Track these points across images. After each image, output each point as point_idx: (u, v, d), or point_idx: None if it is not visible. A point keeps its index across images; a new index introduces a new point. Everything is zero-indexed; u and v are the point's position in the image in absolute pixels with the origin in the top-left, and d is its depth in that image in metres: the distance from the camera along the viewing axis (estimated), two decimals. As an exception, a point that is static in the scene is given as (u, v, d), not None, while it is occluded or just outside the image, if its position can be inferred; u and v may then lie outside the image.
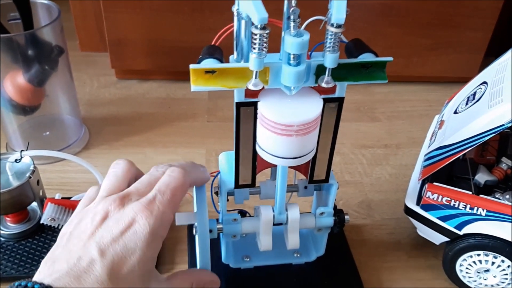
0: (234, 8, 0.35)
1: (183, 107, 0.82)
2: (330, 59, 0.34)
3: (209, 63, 0.35)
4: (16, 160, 0.53)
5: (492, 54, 0.84)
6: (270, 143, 0.39)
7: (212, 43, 0.38)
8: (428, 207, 0.51)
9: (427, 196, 0.50)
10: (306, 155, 0.40)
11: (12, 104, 0.65)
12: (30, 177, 0.51)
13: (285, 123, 0.36)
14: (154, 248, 0.33)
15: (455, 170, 0.53)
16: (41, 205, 0.54)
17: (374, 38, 0.81)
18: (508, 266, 0.48)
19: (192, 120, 0.79)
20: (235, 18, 0.35)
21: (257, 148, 0.41)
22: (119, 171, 0.38)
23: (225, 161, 0.46)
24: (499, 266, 0.49)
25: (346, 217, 0.48)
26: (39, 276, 0.31)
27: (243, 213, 0.51)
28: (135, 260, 0.31)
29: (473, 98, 0.52)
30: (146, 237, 0.32)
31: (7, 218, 0.55)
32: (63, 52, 0.64)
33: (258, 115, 0.38)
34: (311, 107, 0.38)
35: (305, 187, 0.48)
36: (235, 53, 0.37)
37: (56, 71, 0.65)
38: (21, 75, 0.62)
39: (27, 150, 0.53)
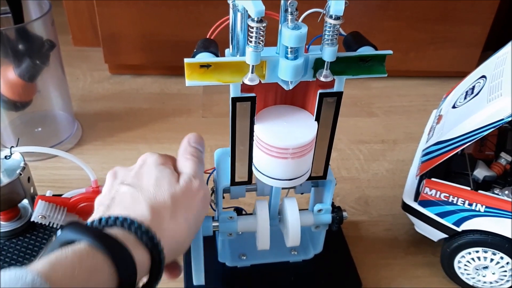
0: (230, 0, 0.34)
1: (177, 102, 0.81)
2: (328, 53, 0.33)
3: (204, 57, 0.34)
4: (6, 157, 0.51)
5: (490, 48, 0.84)
6: (266, 165, 0.39)
7: (207, 36, 0.37)
8: (426, 203, 0.50)
9: (425, 192, 0.49)
10: (301, 176, 0.40)
11: (3, 100, 0.63)
12: (21, 174, 0.50)
13: (280, 146, 0.37)
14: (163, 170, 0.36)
15: (454, 165, 0.52)
16: (32, 202, 0.53)
17: (371, 32, 0.80)
18: (507, 263, 0.48)
19: (186, 115, 0.78)
20: (231, 11, 0.34)
21: (253, 169, 0.41)
22: None
23: (221, 158, 0.45)
24: (498, 262, 0.48)
25: (344, 214, 0.47)
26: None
27: (239, 211, 0.50)
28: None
29: (472, 92, 0.51)
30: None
31: (-2, 216, 0.53)
32: (54, 46, 0.63)
33: (254, 138, 0.39)
34: (306, 131, 0.38)
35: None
36: (231, 46, 0.36)
37: (47, 66, 0.64)
38: (12, 70, 0.61)
39: (17, 146, 0.52)
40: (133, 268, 0.29)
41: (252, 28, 0.31)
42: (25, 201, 0.54)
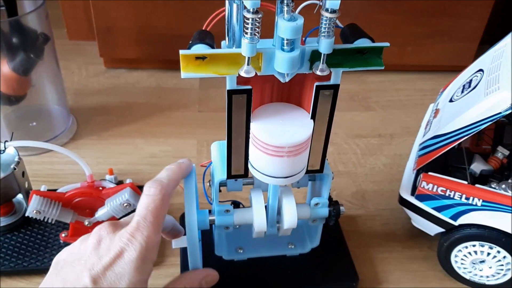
0: (226, -9, 0.33)
1: (174, 96, 0.80)
2: (325, 45, 0.33)
3: (200, 49, 0.34)
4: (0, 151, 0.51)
5: (487, 42, 0.83)
6: (262, 163, 0.39)
7: (203, 28, 0.37)
8: (423, 197, 0.50)
9: (422, 186, 0.49)
10: (297, 174, 0.40)
11: (-3, 94, 0.63)
12: (15, 169, 0.50)
13: (276, 144, 0.37)
14: (144, 272, 0.34)
15: (451, 159, 0.52)
16: (27, 197, 0.52)
17: (368, 26, 0.79)
18: (504, 257, 0.48)
19: (183, 110, 0.78)
20: (227, 2, 0.34)
21: (249, 167, 0.41)
22: None
23: (217, 151, 0.45)
24: (494, 257, 0.48)
25: (341, 208, 0.47)
26: None
27: (236, 204, 0.50)
28: (125, 286, 0.32)
29: (469, 86, 0.51)
30: (135, 263, 0.33)
31: (-8, 211, 0.53)
32: (48, 40, 0.62)
33: (251, 136, 0.39)
34: (302, 129, 0.38)
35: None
36: (227, 38, 0.36)
37: (42, 60, 0.63)
38: (6, 64, 0.60)
39: (11, 140, 0.51)
40: None
41: (248, 19, 0.31)
42: (20, 196, 0.54)
